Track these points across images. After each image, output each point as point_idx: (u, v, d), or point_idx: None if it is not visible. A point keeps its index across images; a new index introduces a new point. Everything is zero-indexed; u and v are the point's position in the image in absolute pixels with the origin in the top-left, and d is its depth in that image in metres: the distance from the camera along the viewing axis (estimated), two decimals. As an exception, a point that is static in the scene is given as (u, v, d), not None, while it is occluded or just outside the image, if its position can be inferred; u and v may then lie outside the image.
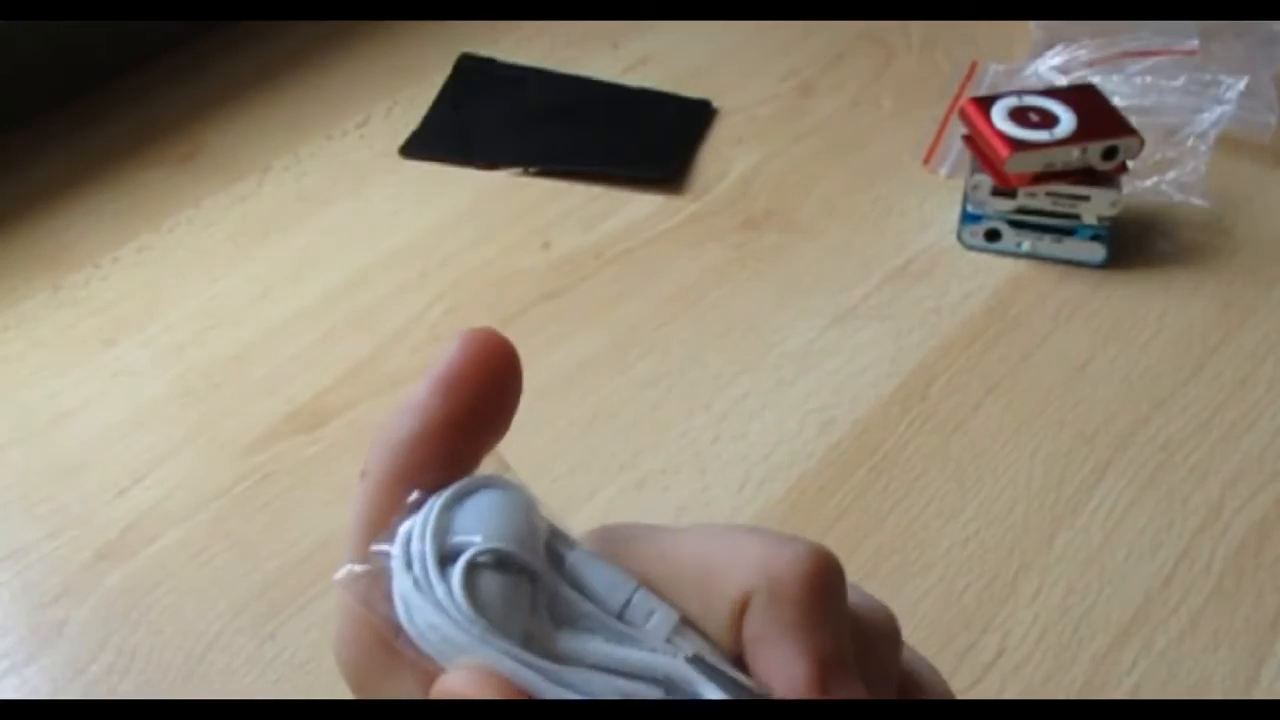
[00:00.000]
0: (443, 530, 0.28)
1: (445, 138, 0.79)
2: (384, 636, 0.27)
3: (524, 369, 0.46)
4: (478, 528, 0.28)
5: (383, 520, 0.28)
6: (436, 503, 0.28)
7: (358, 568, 0.28)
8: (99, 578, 0.54)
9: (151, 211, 0.74)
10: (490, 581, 0.27)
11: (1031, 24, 0.82)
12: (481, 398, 0.29)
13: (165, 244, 0.72)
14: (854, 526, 0.56)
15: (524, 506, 0.29)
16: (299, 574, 0.53)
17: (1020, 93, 0.69)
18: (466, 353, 0.30)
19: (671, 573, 0.28)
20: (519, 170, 0.76)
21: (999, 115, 0.66)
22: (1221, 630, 0.51)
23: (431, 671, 0.26)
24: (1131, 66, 0.75)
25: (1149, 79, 0.74)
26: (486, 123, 0.80)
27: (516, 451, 0.38)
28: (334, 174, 0.77)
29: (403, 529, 0.28)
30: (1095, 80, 0.72)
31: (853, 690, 0.27)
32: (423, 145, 0.78)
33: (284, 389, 0.62)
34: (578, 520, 0.36)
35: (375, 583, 0.27)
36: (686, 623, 0.27)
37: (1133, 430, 0.60)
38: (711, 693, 0.26)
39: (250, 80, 0.84)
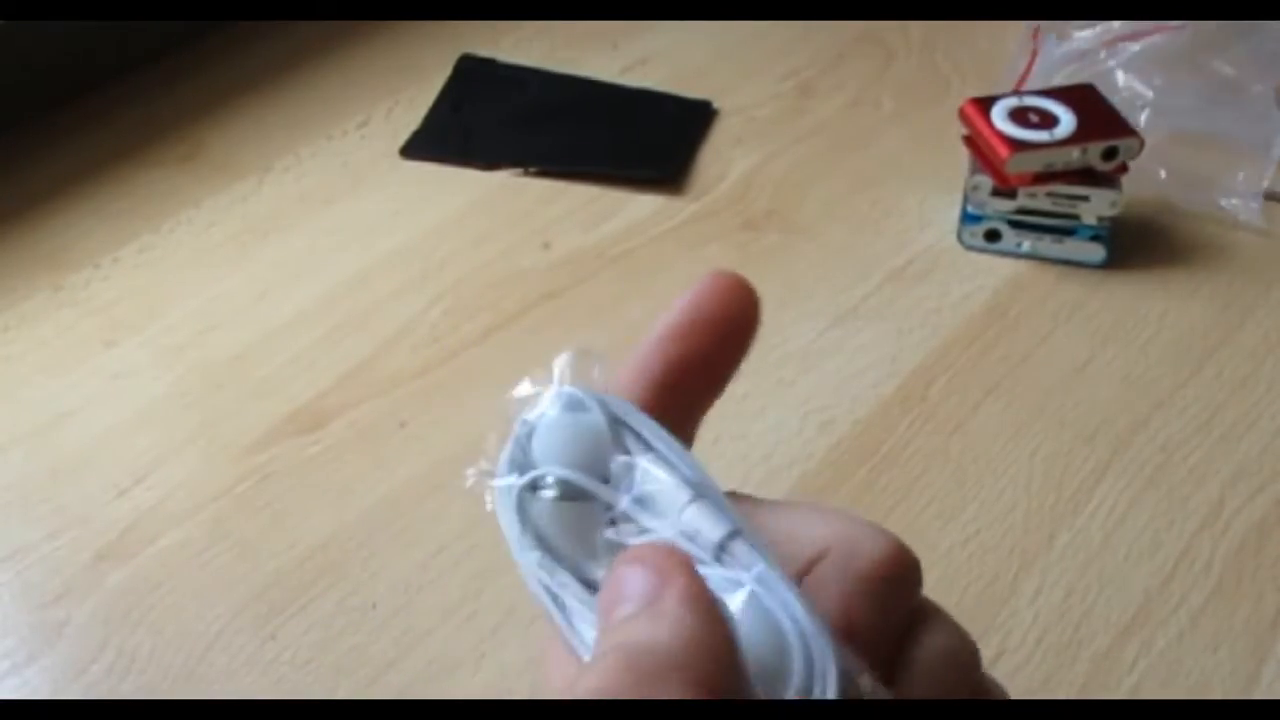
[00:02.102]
0: (521, 454, 0.30)
1: (445, 138, 0.79)
2: None
3: (523, 369, 0.47)
4: (548, 455, 0.30)
5: None
6: (518, 430, 0.31)
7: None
8: (99, 578, 0.54)
9: (152, 212, 0.74)
10: (549, 510, 0.29)
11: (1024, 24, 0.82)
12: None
13: (166, 244, 0.72)
14: (854, 527, 0.56)
15: (594, 429, 0.30)
16: (299, 574, 0.53)
17: (1020, 93, 0.69)
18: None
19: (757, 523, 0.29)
20: (519, 170, 0.76)
21: (999, 116, 0.66)
22: (1221, 630, 0.51)
23: None
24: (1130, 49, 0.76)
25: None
26: (487, 123, 0.80)
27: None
28: (334, 174, 0.77)
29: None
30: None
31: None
32: (423, 146, 0.78)
33: (284, 389, 0.62)
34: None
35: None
36: (739, 534, 0.28)
37: (1133, 430, 0.60)
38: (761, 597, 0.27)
39: (250, 80, 0.84)
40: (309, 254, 0.71)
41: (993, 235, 0.68)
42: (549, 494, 0.29)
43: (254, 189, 0.76)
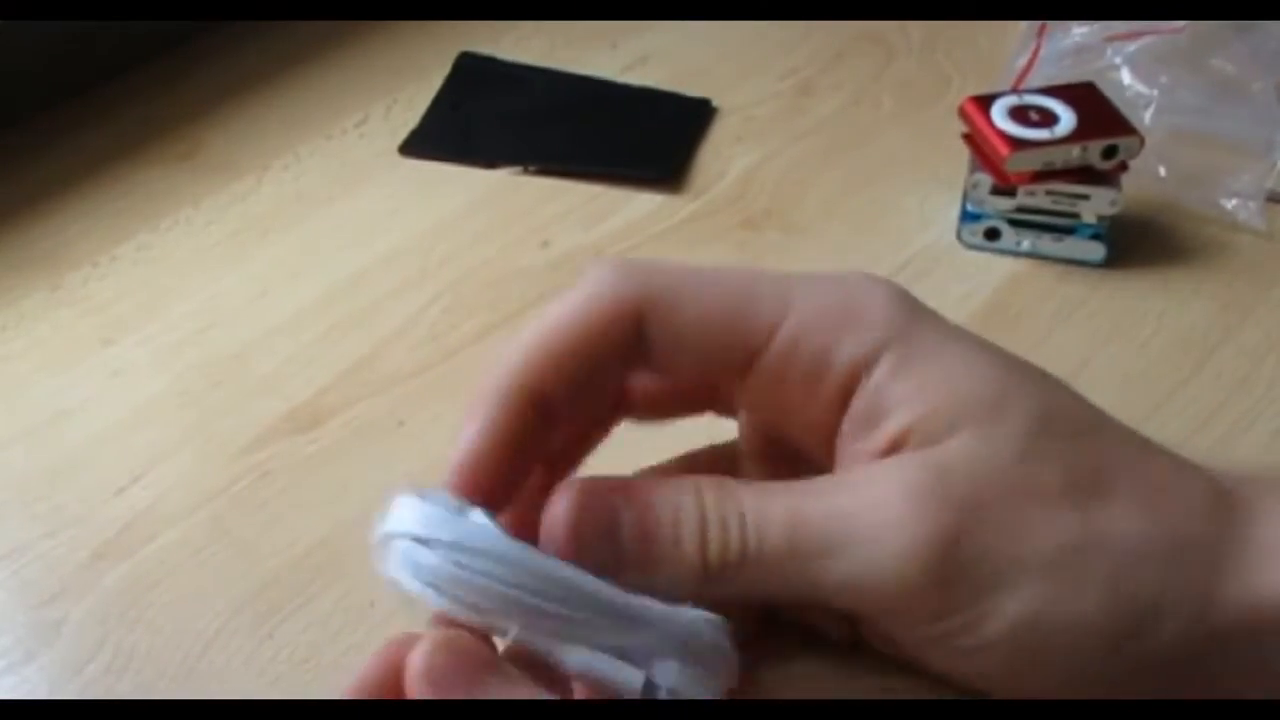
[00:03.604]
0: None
1: (444, 137, 0.79)
2: None
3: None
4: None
5: None
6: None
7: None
8: (97, 577, 0.54)
9: (150, 210, 0.74)
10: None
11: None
12: None
13: (164, 243, 0.72)
14: (853, 526, 0.55)
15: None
16: (297, 573, 0.53)
17: (1020, 91, 0.69)
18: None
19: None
20: (518, 169, 0.76)
21: (999, 114, 0.66)
22: (1221, 630, 0.51)
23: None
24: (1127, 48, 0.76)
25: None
26: (486, 122, 0.80)
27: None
28: (333, 173, 0.77)
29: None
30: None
31: None
32: (422, 144, 0.78)
33: (282, 388, 0.62)
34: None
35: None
36: None
37: (1132, 429, 0.59)
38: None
39: (249, 79, 0.83)
40: (307, 252, 0.71)
41: (992, 234, 0.68)
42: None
43: (252, 188, 0.75)
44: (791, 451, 0.42)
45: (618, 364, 0.40)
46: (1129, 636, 0.36)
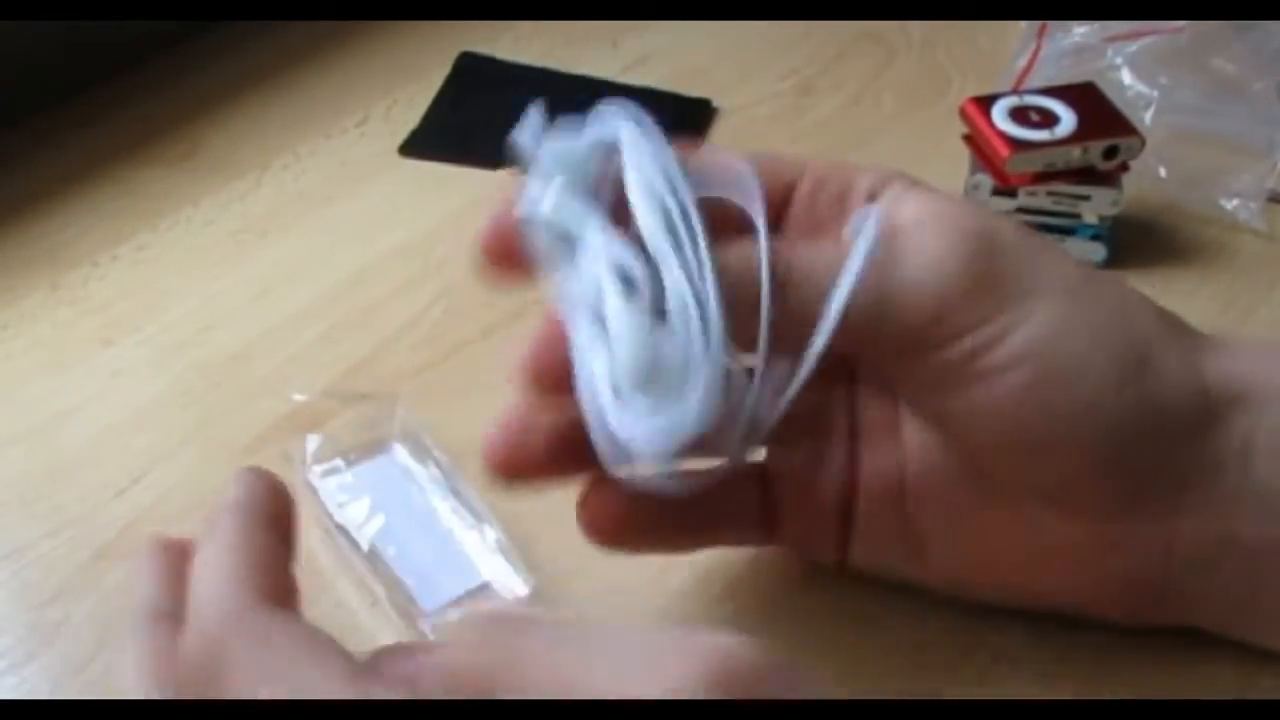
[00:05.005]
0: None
1: (445, 137, 0.79)
2: None
3: (525, 367, 0.47)
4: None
5: None
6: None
7: None
8: (98, 577, 0.54)
9: (150, 210, 0.74)
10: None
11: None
12: None
13: (164, 243, 0.72)
14: (854, 526, 0.55)
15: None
16: (297, 573, 0.53)
17: (1020, 92, 0.69)
18: None
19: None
20: (519, 169, 0.76)
21: (999, 115, 0.66)
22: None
23: None
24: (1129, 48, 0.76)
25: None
26: (486, 122, 0.80)
27: (517, 450, 0.38)
28: (333, 173, 0.76)
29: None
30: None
31: None
32: (422, 144, 0.78)
33: (283, 388, 0.62)
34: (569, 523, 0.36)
35: None
36: None
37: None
38: None
39: (249, 79, 0.83)
40: (308, 252, 0.71)
41: (993, 234, 0.68)
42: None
43: (252, 187, 0.75)
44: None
45: None
46: (1132, 373, 0.40)
